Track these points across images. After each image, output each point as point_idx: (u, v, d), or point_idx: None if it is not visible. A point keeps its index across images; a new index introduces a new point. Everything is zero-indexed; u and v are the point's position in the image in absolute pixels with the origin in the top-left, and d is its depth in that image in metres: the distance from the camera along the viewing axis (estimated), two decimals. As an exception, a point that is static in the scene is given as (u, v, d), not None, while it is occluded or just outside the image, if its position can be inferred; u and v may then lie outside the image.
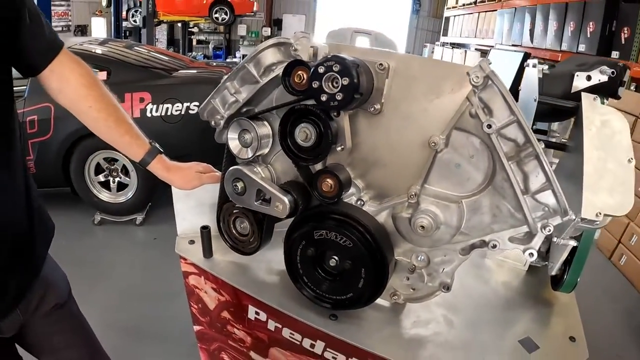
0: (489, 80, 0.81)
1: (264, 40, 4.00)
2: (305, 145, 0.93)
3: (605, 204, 0.98)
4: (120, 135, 1.23)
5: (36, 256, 1.26)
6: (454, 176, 0.90)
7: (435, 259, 0.97)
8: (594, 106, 1.12)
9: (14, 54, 1.05)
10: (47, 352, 1.42)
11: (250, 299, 1.19)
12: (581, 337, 1.15)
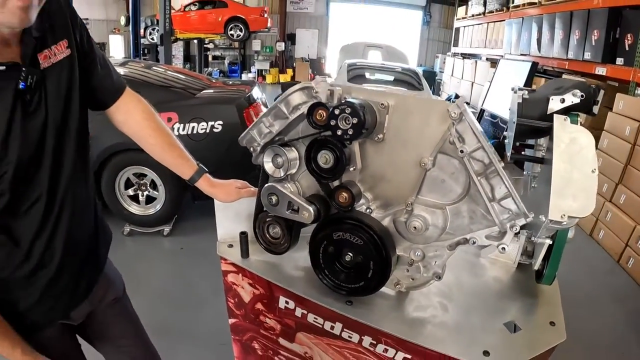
0: (462, 116, 1.05)
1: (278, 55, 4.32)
2: (325, 167, 1.17)
3: (569, 207, 1.13)
4: (173, 158, 1.49)
5: (100, 258, 1.50)
6: (440, 189, 1.16)
7: (429, 253, 1.20)
8: (564, 125, 1.26)
9: (88, 94, 1.30)
10: (104, 340, 1.63)
11: (281, 291, 1.41)
12: (561, 322, 1.30)
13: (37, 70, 1.11)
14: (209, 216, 1.17)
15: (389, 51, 10.60)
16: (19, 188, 1.13)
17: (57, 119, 1.18)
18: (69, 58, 1.21)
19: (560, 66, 7.12)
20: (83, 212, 1.35)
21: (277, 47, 18.65)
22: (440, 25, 18.90)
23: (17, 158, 1.08)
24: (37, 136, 1.14)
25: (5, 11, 0.97)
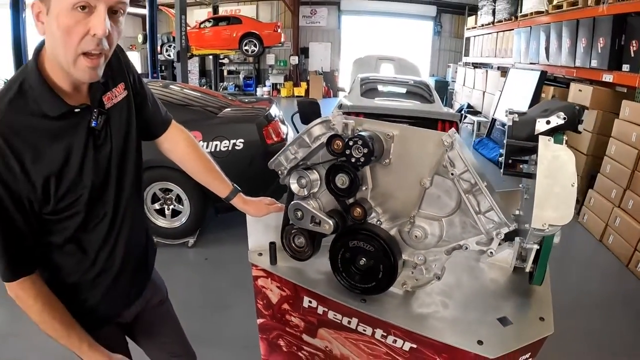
0: (453, 145, 1.26)
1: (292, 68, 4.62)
2: (342, 187, 1.38)
3: (549, 217, 1.26)
4: (212, 179, 1.71)
5: (149, 265, 1.70)
6: (437, 204, 1.36)
7: (429, 258, 1.39)
8: (547, 145, 1.38)
9: (142, 127, 1.51)
10: (148, 338, 1.79)
11: (305, 291, 1.57)
12: (549, 318, 1.41)
13: (104, 111, 1.32)
14: (231, 229, 1.35)
15: (400, 64, 10.63)
16: (91, 208, 1.33)
17: (119, 150, 1.39)
18: (126, 98, 1.43)
19: (569, 74, 7.16)
20: (138, 226, 1.56)
21: (291, 61, 18.73)
22: (451, 35, 18.85)
23: (90, 183, 1.29)
24: (104, 165, 1.34)
25: (77, 69, 1.16)
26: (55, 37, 1.12)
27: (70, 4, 1.08)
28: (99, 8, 1.11)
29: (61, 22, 1.09)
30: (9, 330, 3.41)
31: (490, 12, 11.84)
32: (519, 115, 1.64)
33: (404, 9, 18.34)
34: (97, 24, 1.11)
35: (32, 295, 1.27)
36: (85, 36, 1.12)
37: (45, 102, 1.19)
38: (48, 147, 1.20)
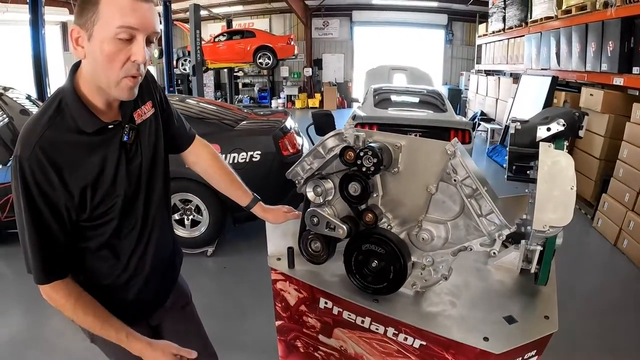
0: (455, 153, 1.35)
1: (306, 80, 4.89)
2: (355, 195, 1.47)
3: (550, 219, 1.34)
4: (234, 190, 1.81)
5: (176, 270, 1.81)
6: (442, 208, 1.44)
7: (437, 259, 1.47)
8: (548, 151, 1.44)
9: (168, 141, 1.63)
10: (173, 338, 1.76)
11: (321, 293, 1.63)
12: (554, 316, 1.44)
13: (134, 126, 1.44)
14: (249, 238, 1.40)
15: (413, 73, 10.70)
16: (124, 216, 1.45)
17: (148, 162, 1.51)
18: (154, 115, 1.55)
19: (580, 79, 7.15)
20: (166, 233, 1.67)
21: (305, 73, 18.85)
22: (462, 43, 18.78)
23: (123, 192, 1.41)
24: (136, 175, 1.46)
25: (118, 89, 1.29)
26: (98, 62, 1.25)
27: (114, 34, 1.21)
28: (139, 38, 1.24)
29: (105, 49, 1.22)
30: (32, 334, 3.55)
31: (500, 19, 11.81)
32: (522, 123, 1.71)
33: (415, 18, 18.36)
34: (137, 52, 1.25)
35: (63, 295, 1.36)
36: (126, 62, 1.25)
37: (81, 119, 1.31)
38: (84, 160, 1.32)
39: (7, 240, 5.17)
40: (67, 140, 1.28)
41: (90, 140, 1.33)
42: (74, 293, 1.38)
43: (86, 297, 1.40)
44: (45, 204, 1.26)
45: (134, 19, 1.21)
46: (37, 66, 7.04)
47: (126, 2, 1.20)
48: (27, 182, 1.23)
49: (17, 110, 5.58)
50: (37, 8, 6.89)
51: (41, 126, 1.26)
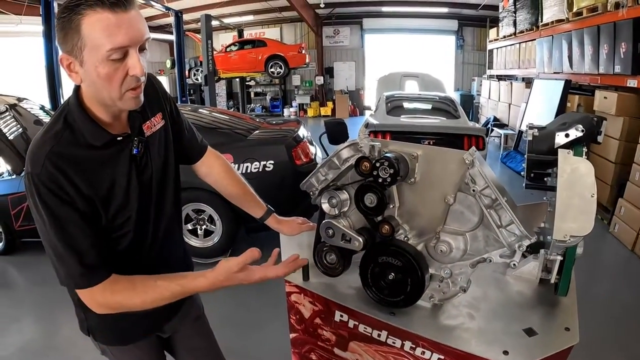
0: (474, 162, 1.32)
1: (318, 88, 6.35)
2: (371, 206, 1.44)
3: (570, 228, 1.30)
4: (247, 201, 1.80)
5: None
6: (460, 219, 1.41)
7: (455, 271, 1.44)
8: (567, 158, 1.41)
9: (179, 153, 1.62)
10: (184, 350, 1.86)
11: (337, 306, 1.60)
12: (575, 328, 1.40)
13: (143, 138, 1.43)
14: (262, 248, 1.37)
15: (425, 80, 10.66)
16: (138, 228, 1.44)
17: (159, 174, 1.50)
18: (164, 127, 1.54)
19: (593, 82, 7.08)
20: (177, 244, 1.68)
21: (316, 81, 18.91)
22: (473, 48, 18.76)
23: (137, 205, 1.41)
24: (146, 188, 1.45)
25: (124, 102, 1.28)
26: (97, 84, 1.24)
27: (106, 56, 1.18)
28: (131, 51, 1.21)
29: (101, 72, 1.20)
30: (45, 343, 3.61)
31: (511, 23, 11.73)
32: (539, 130, 1.68)
33: (425, 24, 18.38)
34: (134, 66, 1.22)
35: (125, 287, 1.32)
36: (125, 77, 1.23)
37: (89, 133, 1.30)
38: (95, 173, 1.31)
39: (21, 249, 5.31)
40: (77, 155, 1.28)
41: (99, 154, 1.32)
42: (129, 281, 1.34)
43: (137, 277, 1.36)
44: (68, 210, 1.25)
45: (121, 36, 1.17)
46: (50, 77, 7.11)
47: (109, 19, 1.16)
48: (44, 196, 1.22)
49: (31, 120, 5.66)
50: (50, 20, 6.97)
51: (49, 141, 1.26)
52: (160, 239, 1.56)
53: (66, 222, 1.25)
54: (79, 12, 1.14)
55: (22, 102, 5.97)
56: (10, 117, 5.44)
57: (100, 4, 1.14)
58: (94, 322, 1.58)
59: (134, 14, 1.20)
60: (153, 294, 1.32)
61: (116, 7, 1.15)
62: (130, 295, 1.32)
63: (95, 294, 1.31)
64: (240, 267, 1.35)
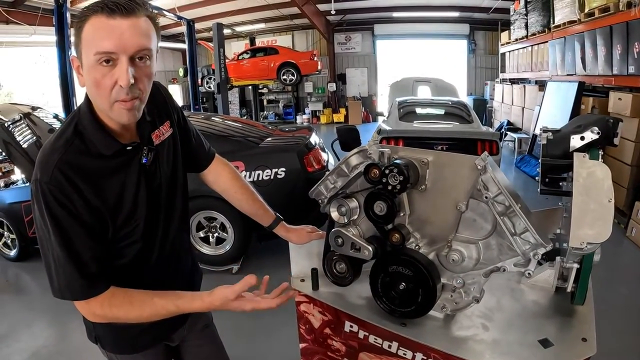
0: (486, 167, 1.29)
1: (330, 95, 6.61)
2: (380, 214, 1.41)
3: (587, 235, 1.25)
4: (256, 209, 1.78)
5: (195, 289, 1.77)
6: (473, 227, 1.38)
7: (468, 281, 1.40)
8: (582, 162, 1.38)
9: (187, 160, 1.62)
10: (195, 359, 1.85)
11: (346, 316, 1.58)
12: (592, 338, 1.37)
13: (153, 147, 1.42)
14: (274, 256, 1.36)
15: (437, 85, 10.67)
16: (146, 238, 1.43)
17: (167, 183, 1.49)
18: (172, 135, 1.53)
19: (607, 83, 7.00)
20: (185, 252, 1.67)
21: (329, 88, 18.94)
22: (485, 52, 18.66)
23: (145, 213, 1.39)
24: (155, 197, 1.44)
25: (114, 113, 1.26)
26: (91, 90, 1.24)
27: (95, 60, 1.18)
28: (121, 59, 1.19)
29: (91, 76, 1.20)
30: (56, 349, 3.65)
31: (523, 26, 11.63)
32: (553, 133, 1.64)
33: (437, 29, 18.35)
34: (120, 75, 1.19)
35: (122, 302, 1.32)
36: (114, 86, 1.21)
37: (99, 141, 1.29)
38: (104, 183, 1.30)
39: (34, 256, 5.40)
40: (86, 163, 1.27)
41: (109, 163, 1.31)
42: (127, 295, 1.34)
43: (135, 292, 1.36)
44: (73, 222, 1.24)
45: (108, 41, 1.16)
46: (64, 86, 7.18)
47: (101, 23, 1.16)
48: (50, 205, 1.21)
49: (45, 129, 5.72)
50: (62, 29, 7.04)
51: (59, 149, 1.25)
52: (168, 248, 1.55)
53: (71, 233, 1.24)
54: (84, 17, 1.17)
55: (36, 111, 6.04)
56: (25, 126, 5.50)
57: (101, 9, 1.15)
58: (101, 330, 1.57)
59: (135, 22, 1.18)
60: (149, 310, 1.33)
61: (114, 12, 1.15)
62: (128, 309, 1.32)
63: (93, 306, 1.31)
64: (236, 296, 1.36)
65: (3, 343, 3.79)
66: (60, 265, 1.25)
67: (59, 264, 1.25)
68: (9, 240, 5.51)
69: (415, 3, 16.58)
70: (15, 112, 5.64)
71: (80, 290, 1.28)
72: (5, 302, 4.60)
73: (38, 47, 15.19)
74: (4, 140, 5.17)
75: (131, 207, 1.37)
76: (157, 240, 1.50)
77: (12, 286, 5.03)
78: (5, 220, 5.35)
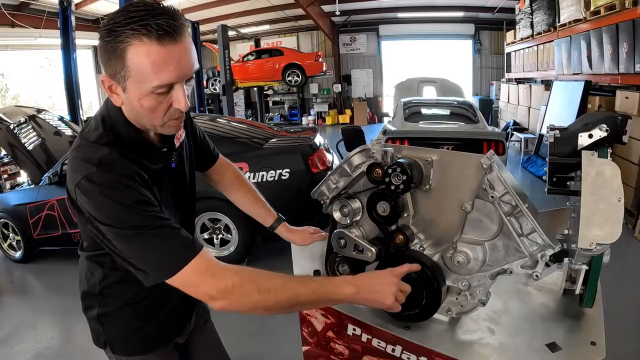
0: (492, 166, 1.25)
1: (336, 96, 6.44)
2: (384, 215, 1.38)
3: (596, 236, 1.21)
4: (258, 208, 1.78)
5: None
6: (479, 228, 1.34)
7: (474, 283, 1.37)
8: (591, 160, 1.34)
9: (195, 161, 1.62)
10: (196, 354, 1.83)
11: (349, 319, 1.55)
12: (601, 342, 1.34)
13: (178, 150, 1.43)
14: (279, 257, 1.33)
15: (443, 85, 10.61)
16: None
17: (188, 185, 1.52)
18: (186, 136, 1.54)
19: (613, 82, 6.92)
20: None
21: (334, 89, 18.94)
22: (491, 52, 18.54)
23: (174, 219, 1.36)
24: (180, 201, 1.46)
25: (165, 129, 1.25)
26: (139, 112, 1.20)
27: (151, 90, 1.13)
28: (177, 85, 1.16)
29: (144, 103, 1.16)
30: (64, 350, 3.67)
31: (528, 25, 11.51)
32: (561, 131, 1.60)
33: (442, 29, 18.28)
34: (179, 100, 1.18)
35: (231, 266, 1.19)
36: (169, 109, 1.19)
37: (137, 144, 1.27)
38: (151, 183, 1.26)
39: (39, 257, 5.41)
40: (139, 161, 1.24)
41: (149, 168, 1.28)
42: (237, 266, 1.21)
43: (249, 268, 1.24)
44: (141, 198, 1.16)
45: (168, 73, 1.12)
46: (69, 89, 7.22)
47: (157, 53, 1.09)
48: (113, 191, 1.13)
49: (50, 132, 5.76)
50: (67, 32, 7.08)
51: (108, 147, 1.19)
52: None
53: (142, 210, 1.15)
54: (124, 40, 1.08)
55: (41, 113, 6.07)
56: (30, 128, 5.53)
57: (148, 33, 1.08)
58: (114, 333, 1.53)
59: (184, 44, 1.13)
60: (292, 285, 1.21)
61: (164, 38, 1.09)
62: (271, 278, 1.19)
63: (226, 278, 1.16)
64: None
65: (7, 344, 3.81)
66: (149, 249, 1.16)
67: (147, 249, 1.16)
68: (14, 242, 5.53)
69: (420, 3, 16.56)
70: (21, 114, 5.66)
71: (187, 252, 1.16)
72: (10, 304, 4.62)
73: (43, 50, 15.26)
74: (9, 142, 5.21)
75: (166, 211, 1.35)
76: None
77: (17, 288, 5.04)
78: (10, 222, 5.37)
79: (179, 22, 1.11)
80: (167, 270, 1.15)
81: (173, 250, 1.15)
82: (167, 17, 1.09)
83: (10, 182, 7.97)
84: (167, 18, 1.09)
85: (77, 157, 1.20)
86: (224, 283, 1.14)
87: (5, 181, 8.13)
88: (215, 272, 1.16)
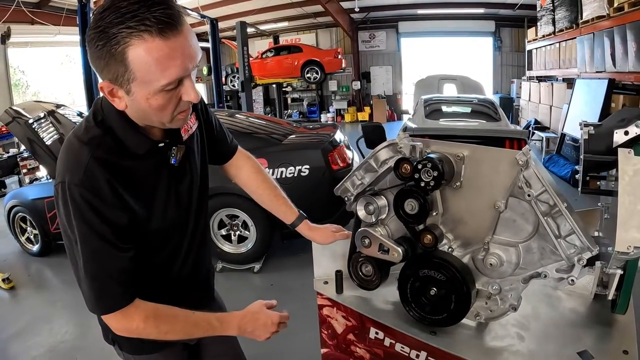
0: (528, 163, 1.18)
1: (355, 93, 6.65)
2: (411, 213, 1.32)
3: (634, 238, 1.16)
4: (278, 205, 1.72)
5: (211, 286, 1.75)
6: (512, 228, 1.28)
7: (505, 287, 1.31)
8: (628, 158, 1.27)
9: (210, 153, 1.56)
10: (209, 357, 1.80)
11: (372, 322, 1.52)
12: (634, 351, 1.30)
13: (182, 144, 1.35)
14: (297, 255, 1.32)
15: (463, 82, 10.51)
16: (178, 239, 1.40)
17: (198, 179, 1.45)
18: (199, 127, 1.48)
19: (638, 80, 6.77)
20: (207, 252, 1.64)
21: (353, 86, 18.89)
22: (512, 50, 18.32)
23: (176, 214, 1.36)
24: (186, 196, 1.41)
25: (173, 123, 1.19)
26: (147, 112, 1.15)
27: (159, 89, 1.08)
28: (185, 78, 1.12)
29: (153, 103, 1.11)
30: (75, 345, 3.69)
31: (550, 22, 11.30)
32: (595, 128, 1.53)
33: (462, 26, 18.09)
34: (189, 93, 1.13)
35: (141, 318, 1.25)
36: (179, 103, 1.15)
37: (130, 138, 1.22)
38: (138, 183, 1.24)
39: (56, 251, 5.48)
40: (119, 162, 1.20)
41: (142, 163, 1.25)
42: (150, 310, 1.27)
43: (162, 308, 1.29)
44: (106, 228, 1.16)
45: (175, 68, 1.06)
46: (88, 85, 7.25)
47: (160, 49, 1.02)
48: (82, 210, 1.13)
49: (69, 127, 5.76)
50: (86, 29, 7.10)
51: (89, 148, 1.16)
52: (195, 248, 1.52)
53: (102, 240, 1.16)
54: (122, 40, 1.01)
55: (60, 108, 6.09)
56: (49, 124, 5.55)
57: (147, 29, 1.01)
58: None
59: (185, 32, 1.07)
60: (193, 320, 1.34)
61: (166, 30, 1.02)
62: (173, 322, 1.31)
63: (119, 319, 1.25)
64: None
65: (22, 337, 3.83)
66: (88, 275, 1.19)
67: (88, 272, 1.19)
68: (32, 235, 5.59)
69: (440, 0, 16.37)
70: (40, 109, 5.69)
71: (122, 297, 1.22)
72: (26, 297, 4.66)
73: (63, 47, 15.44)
74: (28, 137, 5.23)
75: (163, 210, 1.32)
76: (184, 241, 1.46)
77: (34, 281, 5.08)
78: (28, 216, 5.42)
79: (175, 10, 1.05)
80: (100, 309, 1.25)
81: (110, 293, 1.21)
82: (162, 7, 1.02)
83: (30, 177, 8.04)
84: (164, 8, 1.02)
85: (62, 150, 1.20)
86: (129, 325, 1.25)
87: (25, 175, 8.21)
88: (126, 314, 1.24)
